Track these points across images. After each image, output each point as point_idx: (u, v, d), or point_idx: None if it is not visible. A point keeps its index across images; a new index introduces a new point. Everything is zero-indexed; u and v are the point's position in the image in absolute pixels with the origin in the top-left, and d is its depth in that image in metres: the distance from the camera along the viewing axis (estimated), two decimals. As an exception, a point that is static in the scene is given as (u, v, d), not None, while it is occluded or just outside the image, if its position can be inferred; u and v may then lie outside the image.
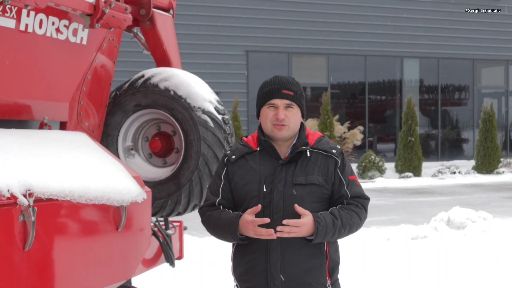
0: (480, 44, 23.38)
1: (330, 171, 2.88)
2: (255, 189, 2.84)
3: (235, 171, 2.92)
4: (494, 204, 12.80)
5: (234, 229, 2.79)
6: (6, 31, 3.09)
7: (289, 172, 2.85)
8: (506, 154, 23.13)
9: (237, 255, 2.94)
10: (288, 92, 2.88)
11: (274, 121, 2.87)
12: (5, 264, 2.54)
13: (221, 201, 2.93)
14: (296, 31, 20.72)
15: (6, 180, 2.53)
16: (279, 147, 2.92)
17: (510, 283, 6.21)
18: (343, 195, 2.89)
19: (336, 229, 2.79)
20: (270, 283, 2.82)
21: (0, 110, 3.19)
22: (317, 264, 2.86)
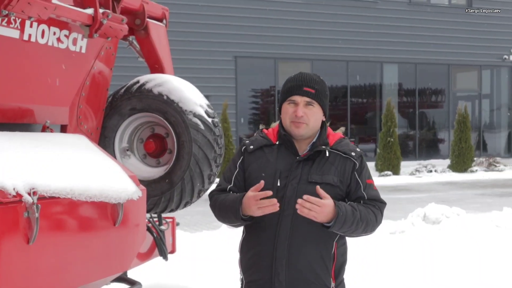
0: (455, 50, 23.37)
1: (346, 173, 2.75)
2: (269, 183, 2.69)
3: (251, 161, 2.79)
4: (468, 200, 12.77)
5: (236, 207, 2.66)
6: (11, 41, 3.13)
7: (305, 170, 2.71)
8: (479, 154, 23.06)
9: (244, 247, 2.83)
10: (309, 90, 2.74)
11: (293, 118, 2.73)
12: (11, 258, 2.59)
13: (232, 187, 2.80)
14: (282, 38, 20.67)
15: (12, 179, 2.58)
16: (298, 144, 2.78)
17: (481, 273, 6.22)
18: (360, 197, 2.76)
19: (355, 220, 2.64)
20: (274, 278, 2.69)
21: (5, 114, 3.23)
22: (322, 264, 2.73)
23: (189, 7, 19.02)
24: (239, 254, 2.86)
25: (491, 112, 25.46)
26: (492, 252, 7.27)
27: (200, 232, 8.88)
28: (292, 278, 2.68)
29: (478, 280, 5.96)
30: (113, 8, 3.65)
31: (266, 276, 2.71)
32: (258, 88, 21.48)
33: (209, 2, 19.54)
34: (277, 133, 2.82)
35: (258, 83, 21.33)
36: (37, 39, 3.30)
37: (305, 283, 2.70)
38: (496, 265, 6.60)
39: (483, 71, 24.64)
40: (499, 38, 24.18)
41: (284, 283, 2.68)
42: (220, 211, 2.77)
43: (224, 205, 2.74)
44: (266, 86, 21.35)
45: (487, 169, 19.99)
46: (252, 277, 2.77)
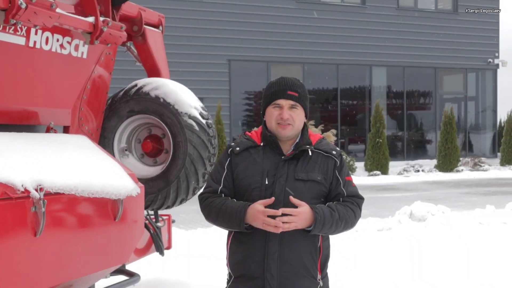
0: (441, 54, 23.49)
1: (329, 171, 2.80)
2: (257, 182, 2.74)
3: (238, 162, 2.81)
4: (453, 199, 12.78)
5: (241, 217, 2.67)
6: (18, 48, 3.23)
7: (291, 168, 2.76)
8: (465, 154, 23.17)
9: (233, 244, 2.82)
10: (293, 93, 2.79)
11: (279, 120, 2.78)
12: (19, 249, 2.70)
13: (223, 189, 2.80)
14: (275, 42, 20.75)
15: (21, 176, 2.68)
16: (282, 144, 2.82)
17: (465, 268, 6.26)
18: (340, 193, 2.81)
19: (334, 220, 2.70)
20: (266, 272, 2.71)
21: (13, 116, 3.33)
22: (310, 257, 2.77)
23: (185, 12, 19.10)
24: (227, 251, 2.86)
25: (476, 114, 25.54)
26: (475, 248, 7.33)
27: (195, 229, 8.89)
28: (284, 272, 2.71)
29: (462, 275, 6.02)
30: (113, 16, 3.75)
31: (257, 271, 2.72)
32: (251, 91, 21.54)
33: (203, 8, 19.61)
34: (260, 134, 2.86)
35: (251, 86, 21.38)
36: (42, 45, 3.39)
37: (296, 276, 2.73)
38: (479, 260, 6.65)
39: (468, 74, 24.75)
40: (484, 42, 24.33)
41: (276, 277, 2.70)
42: (218, 215, 2.76)
43: (223, 212, 2.73)
44: (258, 89, 21.40)
45: (472, 169, 20.05)
46: (242, 272, 2.78)
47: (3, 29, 3.11)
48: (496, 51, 24.69)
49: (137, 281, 4.08)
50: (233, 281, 2.83)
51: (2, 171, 2.63)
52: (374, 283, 5.77)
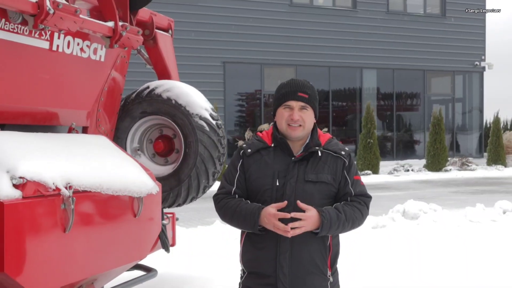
0: (430, 56, 23.59)
1: (338, 171, 2.80)
2: (269, 183, 2.75)
3: (250, 164, 2.81)
4: (443, 197, 12.83)
5: (254, 219, 2.69)
6: (42, 51, 3.29)
7: (301, 169, 2.76)
8: (453, 154, 23.25)
9: (247, 243, 2.84)
10: (303, 95, 2.78)
11: (289, 121, 2.77)
12: (50, 245, 2.76)
13: (236, 190, 2.82)
14: (268, 45, 20.80)
15: (52, 175, 2.75)
16: (292, 145, 2.82)
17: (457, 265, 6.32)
18: (348, 193, 2.81)
19: (340, 222, 2.70)
20: (278, 271, 2.72)
21: (38, 117, 3.40)
22: (320, 255, 2.78)
23: (180, 15, 19.09)
24: (241, 248, 2.87)
25: (464, 115, 25.65)
26: (466, 245, 7.40)
27: (195, 227, 8.92)
28: (295, 270, 2.73)
29: (455, 270, 6.09)
30: (130, 21, 3.81)
31: (270, 269, 2.74)
32: (245, 92, 21.60)
33: (198, 11, 19.65)
34: (271, 135, 2.85)
35: (245, 87, 21.42)
36: (64, 49, 3.46)
37: (307, 274, 2.75)
38: (471, 256, 6.73)
39: (456, 76, 24.84)
40: (471, 46, 24.47)
41: (287, 274, 2.72)
42: (233, 216, 2.78)
43: (238, 213, 2.75)
44: (252, 90, 21.48)
45: (460, 168, 20.12)
46: (255, 269, 2.80)
47: (29, 34, 3.17)
48: (483, 54, 24.83)
49: (155, 275, 4.14)
50: (246, 277, 2.84)
51: (35, 170, 2.69)
52: (370, 279, 5.82)
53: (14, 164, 2.64)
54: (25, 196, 2.63)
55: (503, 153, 21.27)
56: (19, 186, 2.62)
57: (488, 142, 21.78)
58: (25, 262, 2.62)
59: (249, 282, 2.83)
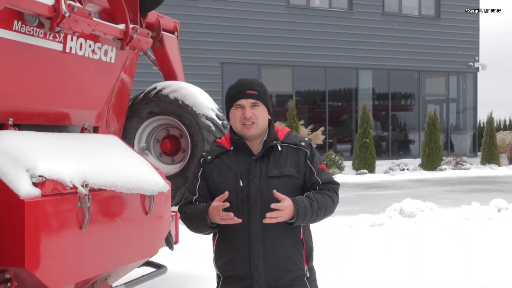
0: (424, 57, 23.65)
1: (301, 162, 2.73)
2: (233, 185, 2.67)
3: (211, 170, 2.73)
4: (438, 196, 12.82)
5: (204, 217, 2.62)
6: (56, 53, 3.34)
7: (263, 166, 2.69)
8: (447, 153, 23.28)
9: (219, 247, 2.76)
10: (252, 92, 2.72)
11: (243, 120, 2.70)
12: (67, 242, 2.82)
13: (198, 198, 2.75)
14: (265, 46, 20.82)
15: (69, 173, 2.80)
16: (251, 144, 2.75)
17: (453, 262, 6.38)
18: (315, 182, 2.74)
19: (314, 210, 2.63)
20: (253, 271, 2.65)
21: (53, 118, 3.44)
22: (295, 251, 2.70)
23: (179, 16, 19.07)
24: (213, 254, 2.80)
25: (457, 115, 25.71)
26: (463, 242, 7.45)
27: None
28: (270, 268, 2.66)
29: (452, 267, 6.14)
30: (140, 23, 3.86)
31: (245, 270, 2.66)
32: (243, 92, 21.63)
33: (197, 12, 19.68)
34: (229, 139, 2.78)
35: (243, 88, 21.47)
36: (77, 51, 3.51)
37: (282, 270, 2.68)
38: (467, 254, 6.78)
39: (450, 77, 24.90)
40: (465, 47, 24.55)
41: (263, 274, 2.65)
42: (190, 222, 2.73)
43: (193, 216, 2.69)
44: (250, 91, 21.49)
45: (454, 167, 20.15)
46: (230, 273, 2.72)
47: (44, 36, 3.21)
48: (476, 55, 24.92)
49: (165, 272, 4.18)
50: (222, 282, 2.77)
51: (53, 168, 2.74)
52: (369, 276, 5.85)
53: (33, 163, 2.69)
54: (44, 194, 2.68)
55: (497, 153, 21.32)
56: (38, 184, 2.66)
57: (482, 141, 21.83)
58: (44, 258, 2.67)
59: (226, 287, 2.75)
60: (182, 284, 5.60)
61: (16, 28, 3.02)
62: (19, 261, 2.57)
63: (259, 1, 20.98)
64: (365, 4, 22.83)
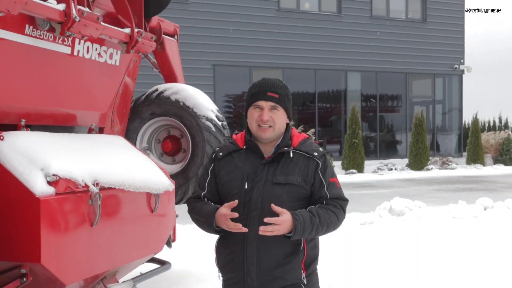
0: (411, 60, 23.77)
1: (310, 173, 2.61)
2: (238, 186, 2.59)
3: (221, 167, 2.66)
4: (426, 195, 12.86)
5: (211, 220, 2.55)
6: (65, 56, 3.40)
7: (270, 171, 2.59)
8: (434, 154, 23.39)
9: (219, 247, 2.70)
10: (273, 95, 2.60)
11: (259, 122, 2.60)
12: (79, 238, 2.88)
13: (206, 194, 2.68)
14: (257, 48, 20.87)
15: (81, 172, 2.86)
16: (264, 147, 2.65)
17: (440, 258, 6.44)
18: (323, 196, 2.61)
19: (314, 226, 2.52)
20: (246, 276, 2.58)
21: (62, 119, 3.49)
22: (291, 259, 2.60)
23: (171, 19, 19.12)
24: (215, 254, 2.74)
25: (443, 116, 25.82)
26: (450, 239, 7.53)
27: (191, 224, 8.96)
28: (263, 275, 2.58)
29: (440, 264, 6.21)
30: (145, 27, 3.92)
31: (239, 274, 2.60)
32: (234, 94, 21.69)
33: (189, 16, 19.70)
34: (244, 138, 2.69)
35: (234, 89, 21.52)
36: (84, 54, 3.56)
37: (275, 279, 2.58)
38: (454, 250, 6.85)
39: (436, 79, 25.02)
40: (451, 50, 24.69)
41: (255, 280, 2.57)
42: (197, 220, 2.66)
43: (200, 216, 2.62)
44: (241, 92, 21.59)
45: (441, 167, 20.24)
46: (228, 275, 2.67)
47: (53, 40, 3.26)
48: (462, 58, 25.09)
49: (169, 268, 4.23)
50: (224, 284, 2.73)
51: (66, 168, 2.79)
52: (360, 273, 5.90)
53: (47, 162, 2.75)
54: (58, 192, 2.74)
55: (482, 153, 21.46)
56: (52, 183, 2.72)
57: (467, 142, 21.91)
58: (58, 254, 2.72)
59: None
60: (180, 281, 5.63)
61: (27, 32, 3.07)
62: (35, 257, 2.63)
63: (250, 4, 21.03)
64: (354, 8, 22.95)
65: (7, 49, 2.97)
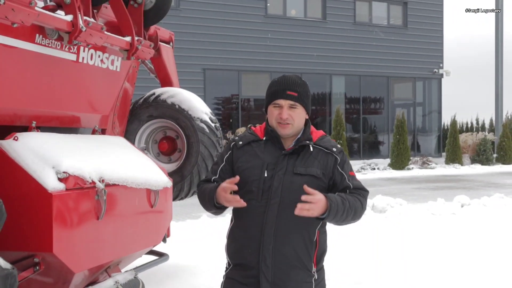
0: (393, 64, 24.03)
1: (329, 167, 2.60)
2: (257, 174, 2.55)
3: (239, 155, 2.63)
4: (407, 193, 12.93)
5: (212, 195, 2.53)
6: (71, 63, 3.53)
7: (291, 162, 2.57)
8: (414, 154, 23.63)
9: (232, 233, 2.66)
10: (292, 93, 2.57)
11: (279, 120, 2.58)
12: (87, 230, 3.02)
13: (216, 179, 2.64)
14: (245, 53, 21.03)
15: (88, 170, 3.00)
16: (284, 140, 2.64)
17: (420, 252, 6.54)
18: (347, 187, 2.60)
19: (345, 208, 2.48)
20: (261, 263, 2.53)
21: (69, 121, 3.62)
22: (306, 250, 2.58)
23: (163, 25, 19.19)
24: (226, 240, 2.69)
25: (424, 118, 26.05)
26: (429, 235, 7.66)
27: (184, 221, 8.97)
28: (278, 263, 2.54)
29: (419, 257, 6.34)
30: (144, 36, 4.06)
31: (253, 260, 2.55)
32: (223, 97, 21.79)
33: (180, 21, 19.77)
34: (264, 129, 2.67)
35: (223, 92, 21.62)
36: (88, 61, 3.70)
37: (290, 267, 2.56)
38: (433, 244, 6.99)
39: (417, 83, 25.28)
40: (430, 54, 24.98)
41: (270, 267, 2.54)
42: (202, 198, 2.63)
43: (204, 193, 2.61)
44: (230, 95, 21.69)
45: (421, 167, 20.37)
46: (240, 261, 2.61)
47: (60, 47, 3.40)
48: (441, 62, 25.35)
49: (167, 259, 4.36)
50: (231, 269, 2.67)
51: (75, 166, 2.94)
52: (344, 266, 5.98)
53: (58, 161, 2.89)
54: (68, 188, 2.87)
55: (460, 153, 21.63)
56: (63, 179, 2.86)
57: (446, 142, 22.05)
58: (68, 245, 2.86)
59: (233, 274, 2.65)
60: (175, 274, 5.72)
61: (37, 41, 3.21)
62: (48, 247, 2.76)
63: (239, 11, 21.17)
64: (338, 14, 23.15)
65: (19, 56, 3.10)
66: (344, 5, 23.33)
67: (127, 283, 3.34)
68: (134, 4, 3.92)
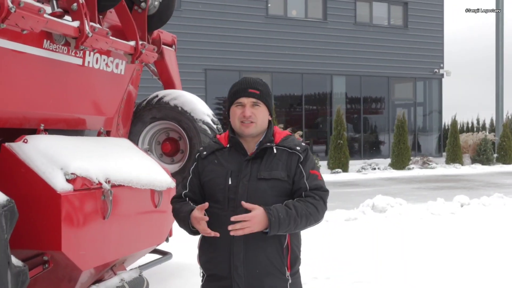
0: (394, 64, 24.10)
1: (293, 167, 2.54)
2: (222, 183, 2.51)
3: (204, 165, 2.59)
4: (407, 193, 12.93)
5: (186, 222, 2.51)
6: (77, 67, 3.63)
7: (254, 167, 2.52)
8: (415, 154, 23.69)
9: (203, 244, 2.61)
10: (254, 91, 2.54)
11: (242, 119, 2.54)
12: (94, 229, 3.12)
13: (187, 193, 2.63)
14: (246, 53, 21.13)
15: (95, 171, 3.10)
16: (247, 144, 2.59)
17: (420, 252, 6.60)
18: (302, 187, 2.54)
19: (291, 219, 2.42)
20: (233, 272, 2.47)
21: (75, 123, 3.72)
22: (278, 256, 2.52)
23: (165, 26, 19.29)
24: (198, 251, 2.63)
25: (424, 118, 26.12)
26: (429, 234, 7.72)
27: None
28: (250, 271, 2.49)
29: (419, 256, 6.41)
30: (148, 40, 4.15)
31: (225, 270, 2.50)
32: (225, 97, 21.79)
33: (181, 22, 19.86)
34: (227, 136, 2.62)
35: (225, 93, 21.58)
36: (93, 65, 3.79)
37: (263, 274, 2.50)
38: (432, 244, 7.05)
39: (417, 83, 25.36)
40: (431, 55, 25.06)
41: (243, 276, 2.48)
42: (177, 220, 2.61)
43: (178, 216, 2.59)
44: (230, 95, 21.72)
45: (421, 167, 20.43)
46: (212, 271, 2.55)
47: (67, 52, 3.50)
48: (441, 62, 25.42)
49: (170, 258, 4.46)
50: (205, 280, 2.61)
51: (83, 167, 3.04)
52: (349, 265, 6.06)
53: (66, 162, 2.99)
54: (76, 189, 2.97)
55: (460, 153, 21.69)
56: (71, 180, 2.96)
57: (446, 142, 22.12)
58: (76, 243, 2.96)
59: (208, 285, 2.59)
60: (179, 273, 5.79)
61: (45, 46, 3.31)
62: (57, 246, 2.86)
63: (240, 11, 21.25)
64: (339, 15, 23.22)
65: (28, 61, 3.20)
66: (345, 5, 23.40)
67: (132, 281, 3.43)
68: (138, 9, 4.01)
